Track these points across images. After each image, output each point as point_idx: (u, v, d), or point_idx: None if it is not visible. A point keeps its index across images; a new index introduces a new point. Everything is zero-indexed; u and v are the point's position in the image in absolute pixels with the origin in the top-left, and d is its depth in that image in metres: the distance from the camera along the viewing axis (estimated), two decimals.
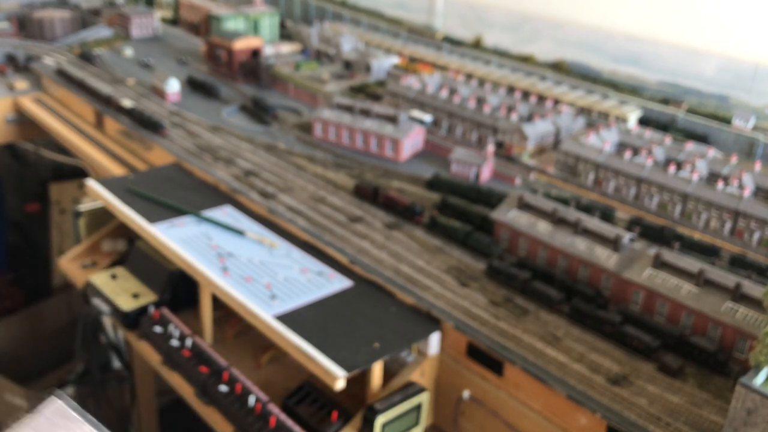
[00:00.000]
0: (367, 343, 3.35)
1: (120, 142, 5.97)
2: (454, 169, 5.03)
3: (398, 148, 5.30)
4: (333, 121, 5.50)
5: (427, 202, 4.63)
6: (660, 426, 2.91)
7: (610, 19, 6.11)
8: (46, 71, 7.04)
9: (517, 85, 6.14)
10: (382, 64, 6.88)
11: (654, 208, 4.53)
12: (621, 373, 3.22)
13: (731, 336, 3.25)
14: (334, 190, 4.85)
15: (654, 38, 5.82)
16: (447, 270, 3.97)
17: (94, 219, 5.12)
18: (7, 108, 6.91)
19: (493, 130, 5.40)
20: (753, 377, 2.59)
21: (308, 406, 3.59)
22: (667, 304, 3.46)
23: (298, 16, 8.83)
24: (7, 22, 8.29)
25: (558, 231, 3.94)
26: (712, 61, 5.57)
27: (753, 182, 4.35)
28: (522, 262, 3.95)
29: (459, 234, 4.21)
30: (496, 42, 7.06)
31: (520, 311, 3.63)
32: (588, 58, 6.35)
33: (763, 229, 4.09)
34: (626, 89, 6.04)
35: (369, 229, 4.37)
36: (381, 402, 3.36)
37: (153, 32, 8.37)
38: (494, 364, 3.39)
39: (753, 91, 5.37)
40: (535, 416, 3.28)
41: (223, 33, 7.26)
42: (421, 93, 5.88)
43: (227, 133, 5.75)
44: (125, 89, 6.57)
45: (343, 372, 3.12)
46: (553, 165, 5.09)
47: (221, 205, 4.60)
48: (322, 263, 4.01)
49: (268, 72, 6.80)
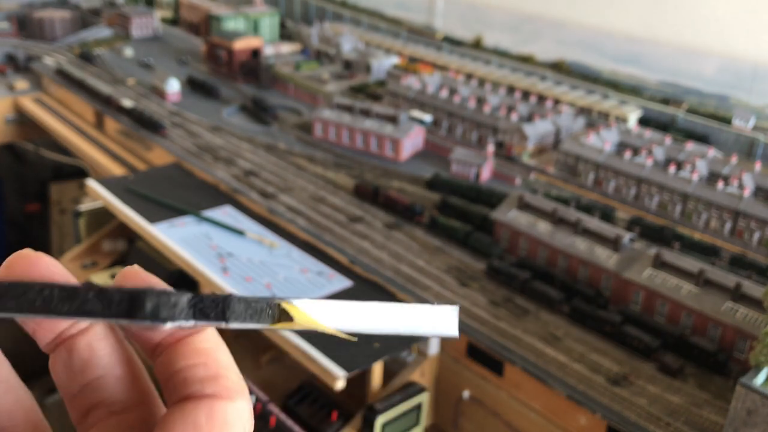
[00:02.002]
0: (367, 343, 3.35)
1: (120, 142, 5.97)
2: (454, 169, 5.03)
3: (398, 148, 5.30)
4: (333, 121, 5.50)
5: (427, 202, 4.63)
6: (660, 426, 2.91)
7: (610, 19, 6.10)
8: (46, 71, 7.04)
9: (517, 85, 6.13)
10: (382, 64, 6.87)
11: (654, 208, 4.53)
12: (621, 373, 3.22)
13: (731, 336, 3.25)
14: (334, 190, 4.85)
15: (654, 38, 5.82)
16: (447, 270, 3.96)
17: (94, 219, 5.12)
18: (7, 108, 6.90)
19: (493, 130, 5.39)
20: (753, 377, 2.59)
21: (308, 406, 3.59)
22: (667, 304, 3.46)
23: (298, 16, 8.83)
24: (7, 22, 8.28)
25: (558, 231, 3.93)
26: (712, 61, 5.57)
27: (753, 182, 4.34)
28: (522, 262, 3.95)
29: (459, 234, 4.20)
30: (496, 42, 7.06)
31: (520, 311, 3.63)
32: (588, 58, 6.35)
33: (763, 229, 4.09)
34: (626, 89, 6.03)
35: (369, 229, 4.37)
36: (381, 402, 3.36)
37: (153, 32, 8.36)
38: (494, 364, 3.39)
39: (753, 91, 5.36)
40: (535, 416, 3.28)
41: (223, 33, 7.26)
42: (421, 93, 5.88)
43: (227, 133, 5.75)
44: (125, 89, 6.57)
45: (343, 372, 3.12)
46: (553, 165, 5.09)
47: (221, 205, 4.60)
48: (322, 263, 4.01)
49: (268, 72, 6.80)
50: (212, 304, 0.49)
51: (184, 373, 0.52)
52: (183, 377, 0.52)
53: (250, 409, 0.53)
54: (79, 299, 0.46)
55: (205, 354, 0.53)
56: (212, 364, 0.53)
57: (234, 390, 0.52)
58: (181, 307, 0.48)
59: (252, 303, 0.51)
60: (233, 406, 0.51)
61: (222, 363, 0.54)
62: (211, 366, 0.53)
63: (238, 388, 0.53)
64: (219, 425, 0.50)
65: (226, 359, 0.55)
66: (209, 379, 0.52)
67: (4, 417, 0.54)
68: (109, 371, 0.55)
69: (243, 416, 0.52)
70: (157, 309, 0.46)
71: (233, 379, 0.53)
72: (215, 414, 0.50)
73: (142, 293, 0.46)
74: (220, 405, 0.51)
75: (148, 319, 0.46)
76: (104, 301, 0.46)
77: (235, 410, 0.51)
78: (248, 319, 0.51)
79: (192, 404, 0.51)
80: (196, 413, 0.50)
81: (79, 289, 0.46)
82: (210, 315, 0.49)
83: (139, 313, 0.46)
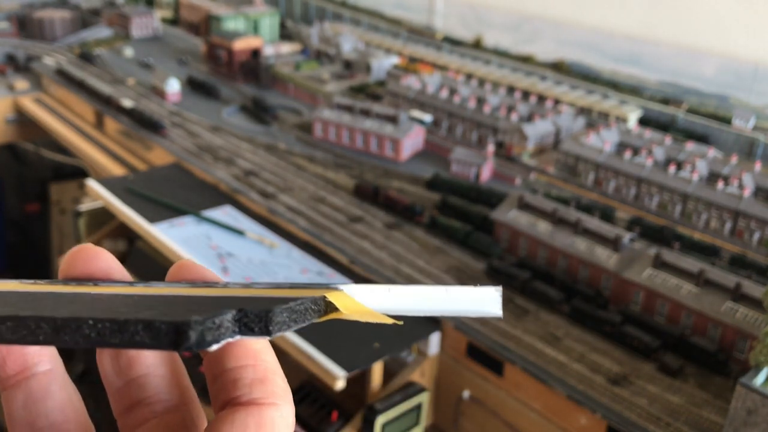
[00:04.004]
0: (367, 343, 3.35)
1: (120, 142, 5.98)
2: (454, 169, 5.03)
3: (398, 148, 5.30)
4: (333, 121, 5.50)
5: (427, 202, 4.63)
6: (660, 426, 2.91)
7: (610, 19, 6.11)
8: (46, 71, 7.04)
9: (517, 85, 6.14)
10: (382, 64, 6.87)
11: (654, 208, 4.53)
12: (621, 373, 3.22)
13: (731, 336, 3.25)
14: (334, 190, 4.85)
15: (654, 38, 5.82)
16: (447, 270, 3.96)
17: (94, 219, 5.11)
18: (7, 108, 6.90)
19: (493, 130, 5.39)
20: (753, 377, 2.59)
21: (308, 406, 3.59)
22: (667, 304, 3.46)
23: (298, 16, 8.83)
24: (7, 22, 8.28)
25: (558, 231, 3.93)
26: (712, 61, 5.57)
27: (753, 182, 4.34)
28: (522, 262, 3.95)
29: (459, 234, 4.20)
30: (496, 42, 7.06)
31: (520, 311, 3.63)
32: (588, 58, 6.35)
33: (763, 229, 4.09)
34: (626, 89, 6.03)
35: (369, 229, 4.37)
36: (381, 402, 3.36)
37: (153, 32, 8.36)
38: (494, 364, 3.39)
39: (753, 91, 5.36)
40: (535, 416, 3.28)
41: (223, 33, 7.26)
42: (421, 93, 5.88)
43: (227, 133, 5.75)
44: (125, 89, 6.57)
45: (343, 372, 3.12)
46: (553, 165, 5.09)
47: (221, 205, 4.60)
48: (322, 263, 4.01)
49: (268, 72, 6.80)
50: (256, 318, 0.49)
51: (233, 375, 0.53)
52: (232, 378, 0.53)
53: (293, 413, 0.54)
54: (129, 333, 0.47)
55: (254, 355, 0.54)
56: (261, 367, 0.54)
57: (280, 395, 0.53)
58: (225, 326, 0.48)
59: (295, 308, 0.51)
60: (280, 412, 0.52)
61: (270, 366, 0.54)
62: (260, 369, 0.53)
63: (284, 393, 0.54)
64: None
65: (274, 362, 0.56)
66: (257, 383, 0.53)
67: (57, 413, 0.55)
68: (153, 370, 0.57)
69: (288, 422, 0.53)
70: (201, 337, 0.47)
71: (280, 384, 0.54)
72: (263, 422, 0.51)
73: (186, 325, 0.47)
74: (269, 412, 0.52)
75: (194, 347, 0.47)
76: (152, 334, 0.47)
77: (282, 417, 0.52)
78: (293, 324, 0.51)
79: (242, 411, 0.51)
80: (246, 421, 0.51)
81: (128, 323, 0.48)
82: (254, 329, 0.49)
83: (185, 344, 0.47)
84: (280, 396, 0.53)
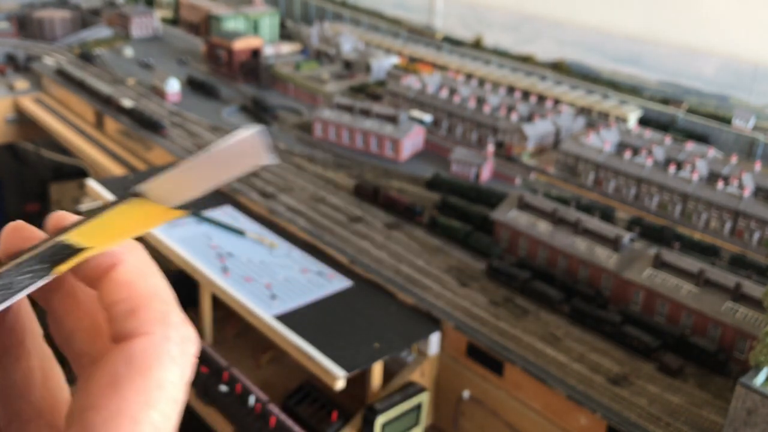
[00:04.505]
0: (367, 343, 3.35)
1: (120, 142, 5.97)
2: (454, 169, 5.03)
3: (398, 148, 5.30)
4: (333, 121, 5.50)
5: (427, 202, 4.63)
6: (660, 426, 2.91)
7: (610, 19, 6.11)
8: (46, 71, 7.04)
9: (517, 85, 6.13)
10: (382, 64, 6.87)
11: (654, 208, 4.53)
12: (621, 373, 3.22)
13: (731, 336, 3.25)
14: (334, 190, 4.85)
15: (654, 38, 5.82)
16: (447, 270, 3.96)
17: None
18: (7, 108, 6.90)
19: (493, 130, 5.39)
20: (753, 377, 2.59)
21: (308, 406, 3.59)
22: (667, 304, 3.46)
23: (298, 16, 8.83)
24: (7, 22, 8.28)
25: (558, 231, 3.94)
26: (712, 61, 5.57)
27: (753, 182, 4.34)
28: (522, 262, 3.95)
29: (459, 234, 4.20)
30: (496, 42, 7.06)
31: (520, 311, 3.63)
32: (588, 58, 6.35)
33: (763, 229, 4.09)
34: (626, 89, 6.03)
35: (369, 229, 4.37)
36: (381, 402, 3.36)
37: (153, 32, 8.36)
38: (494, 364, 3.39)
39: (753, 91, 5.37)
40: (535, 416, 3.28)
41: (223, 33, 7.26)
42: (421, 93, 5.88)
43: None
44: (125, 89, 6.56)
45: (343, 372, 3.12)
46: (553, 165, 5.09)
47: (221, 205, 4.60)
48: (322, 263, 4.01)
49: (268, 72, 6.80)
50: None
51: (109, 311, 0.49)
52: (109, 316, 0.49)
53: (180, 334, 0.49)
54: None
55: (127, 286, 0.49)
56: (133, 297, 0.49)
57: (156, 321, 0.48)
58: None
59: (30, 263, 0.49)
60: (152, 340, 0.47)
61: (144, 293, 0.49)
62: (132, 299, 0.49)
63: (162, 317, 0.49)
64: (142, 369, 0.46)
65: (149, 287, 0.50)
66: (128, 315, 0.48)
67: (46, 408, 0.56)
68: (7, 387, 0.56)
69: (167, 347, 0.48)
70: None
71: (156, 309, 0.49)
72: (133, 356, 0.47)
73: None
74: (138, 344, 0.47)
75: None
76: None
77: (154, 345, 0.47)
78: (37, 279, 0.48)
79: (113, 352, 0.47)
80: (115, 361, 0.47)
81: None
82: None
83: None
84: (154, 322, 0.48)
